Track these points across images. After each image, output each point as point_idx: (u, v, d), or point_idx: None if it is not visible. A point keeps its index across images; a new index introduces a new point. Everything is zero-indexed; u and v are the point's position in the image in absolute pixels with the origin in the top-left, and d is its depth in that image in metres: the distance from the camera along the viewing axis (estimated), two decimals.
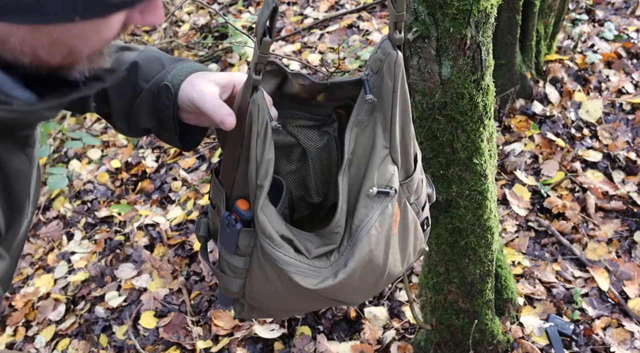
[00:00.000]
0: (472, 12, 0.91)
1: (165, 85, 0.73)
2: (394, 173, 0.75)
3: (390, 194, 0.74)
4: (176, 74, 0.74)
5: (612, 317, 1.68)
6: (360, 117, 0.73)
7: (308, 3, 3.60)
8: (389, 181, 0.74)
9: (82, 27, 0.49)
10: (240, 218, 0.74)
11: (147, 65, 0.76)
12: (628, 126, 2.28)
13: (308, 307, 0.90)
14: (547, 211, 2.04)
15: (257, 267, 0.77)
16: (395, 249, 0.80)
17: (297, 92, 0.81)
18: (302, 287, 0.73)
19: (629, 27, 2.70)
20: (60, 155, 3.05)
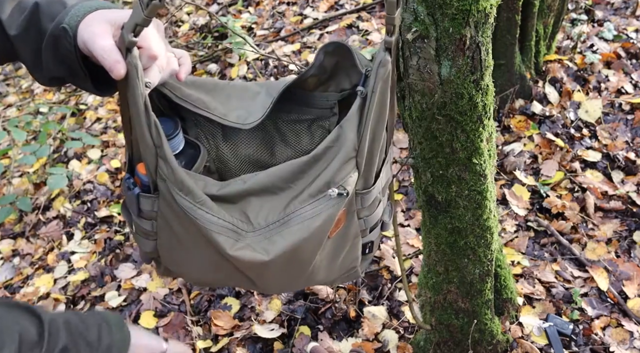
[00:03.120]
0: (471, 12, 0.91)
1: (63, 28, 0.66)
2: (353, 177, 0.72)
3: (342, 195, 0.71)
4: (74, 14, 0.67)
5: (611, 317, 1.68)
6: (350, 112, 0.71)
7: (307, 3, 3.61)
8: (345, 182, 0.72)
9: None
10: (140, 183, 0.72)
11: (48, 5, 0.69)
12: (627, 126, 2.28)
13: (221, 278, 0.84)
14: (546, 211, 2.04)
15: (166, 231, 0.75)
16: (325, 253, 0.78)
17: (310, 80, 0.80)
18: (224, 250, 0.70)
19: (629, 27, 2.70)
20: (60, 155, 3.05)
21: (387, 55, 0.67)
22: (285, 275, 0.77)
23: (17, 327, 0.69)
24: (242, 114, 0.80)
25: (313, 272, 0.78)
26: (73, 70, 0.69)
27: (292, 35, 3.33)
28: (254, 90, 0.83)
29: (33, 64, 0.73)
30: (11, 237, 2.62)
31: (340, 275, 0.86)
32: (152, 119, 0.66)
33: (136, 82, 0.63)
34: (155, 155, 0.67)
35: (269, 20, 3.58)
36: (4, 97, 3.68)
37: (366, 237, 0.83)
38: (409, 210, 2.14)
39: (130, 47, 0.61)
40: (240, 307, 1.94)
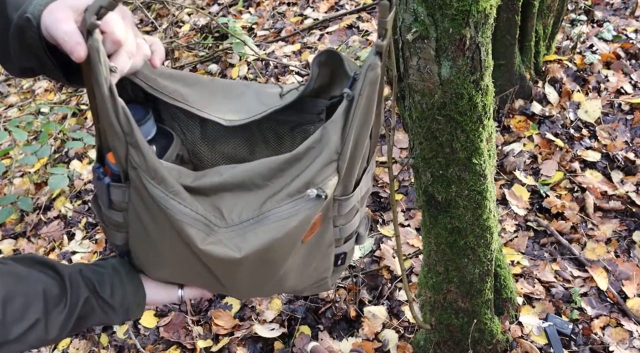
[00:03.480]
0: (471, 12, 0.91)
1: (26, 18, 0.64)
2: (333, 181, 0.70)
3: (321, 198, 0.69)
4: (37, 3, 0.64)
5: (610, 317, 1.68)
6: (335, 115, 0.69)
7: (308, 4, 3.61)
8: (324, 184, 0.69)
9: None
10: (111, 173, 0.70)
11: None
12: (627, 126, 2.28)
13: (189, 275, 0.81)
14: (546, 211, 2.04)
15: (136, 223, 0.73)
16: (297, 258, 0.76)
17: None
18: (194, 243, 0.68)
19: (628, 27, 2.71)
20: (61, 155, 3.05)
21: (377, 59, 0.65)
22: (255, 277, 0.75)
23: (40, 285, 0.70)
24: (223, 109, 0.78)
25: (283, 277, 0.77)
26: (41, 60, 0.67)
27: (292, 35, 3.34)
28: (239, 89, 0.81)
29: (3, 56, 0.71)
30: (12, 237, 2.63)
31: (310, 284, 0.84)
32: (118, 105, 0.62)
33: (98, 66, 0.60)
34: (125, 143, 0.65)
35: (269, 21, 3.58)
36: (5, 97, 3.68)
37: (340, 248, 0.81)
38: (409, 210, 2.15)
39: (91, 29, 0.59)
40: (241, 307, 1.95)
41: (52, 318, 0.70)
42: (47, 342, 0.72)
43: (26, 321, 0.67)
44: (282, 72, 3.07)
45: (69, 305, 0.72)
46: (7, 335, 0.66)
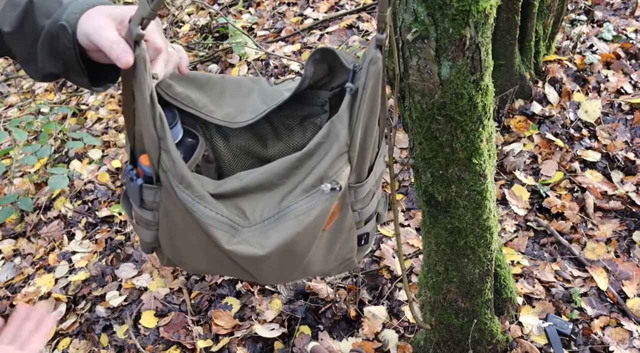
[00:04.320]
0: (471, 12, 0.91)
1: (61, 26, 0.67)
2: (345, 171, 0.73)
3: (335, 190, 0.72)
4: (71, 11, 0.67)
5: (610, 317, 1.68)
6: (341, 109, 0.71)
7: (308, 4, 3.61)
8: (338, 176, 0.73)
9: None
10: (143, 174, 0.73)
11: (43, 2, 0.70)
12: (627, 126, 2.28)
13: (219, 269, 0.85)
14: (546, 211, 2.04)
15: (167, 222, 0.76)
16: (321, 245, 0.79)
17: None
18: (220, 244, 0.72)
19: (628, 27, 2.71)
20: (61, 155, 3.05)
21: (378, 52, 0.68)
22: (281, 268, 0.78)
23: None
24: (231, 112, 0.81)
25: (309, 263, 0.79)
26: (69, 66, 0.70)
27: (292, 35, 3.34)
28: (247, 86, 0.84)
29: (26, 60, 0.73)
30: (12, 237, 2.63)
31: (336, 266, 0.87)
32: (157, 111, 0.67)
33: (144, 74, 0.64)
34: (158, 147, 0.68)
35: (269, 21, 3.58)
36: (5, 98, 3.68)
37: (361, 229, 0.84)
38: (409, 210, 2.15)
39: (138, 40, 0.63)
40: (241, 307, 1.95)
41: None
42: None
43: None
44: (282, 71, 3.07)
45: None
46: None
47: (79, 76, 0.72)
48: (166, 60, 0.70)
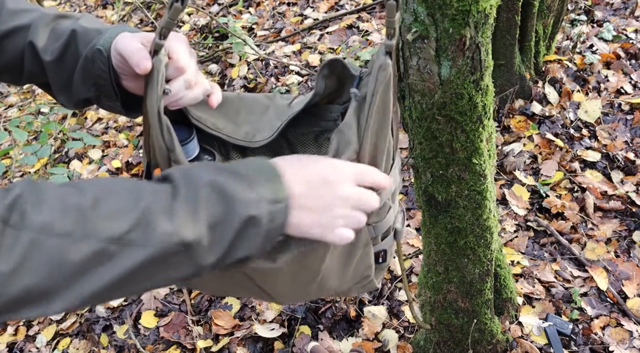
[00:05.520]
0: (471, 12, 0.91)
1: (97, 50, 0.70)
2: None
3: None
4: (107, 36, 0.71)
5: (610, 317, 1.68)
6: (347, 116, 0.70)
7: (308, 4, 3.61)
8: None
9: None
10: None
11: (85, 33, 0.73)
12: (627, 126, 2.28)
13: (235, 289, 0.83)
14: (546, 211, 2.04)
15: None
16: (335, 259, 0.77)
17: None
18: None
19: (628, 27, 2.71)
20: (61, 156, 3.05)
21: (388, 58, 0.66)
22: (296, 281, 0.77)
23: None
24: (249, 131, 0.82)
25: (324, 279, 0.78)
26: (103, 90, 0.73)
27: (292, 35, 3.34)
28: (263, 103, 0.84)
29: (62, 88, 0.75)
30: None
31: (354, 284, 0.84)
32: (164, 123, 0.67)
33: (154, 85, 0.65)
34: (168, 159, 0.68)
35: (269, 21, 3.58)
36: (5, 98, 3.68)
37: (378, 245, 0.82)
38: (409, 210, 2.15)
39: (157, 49, 0.65)
40: (241, 307, 1.95)
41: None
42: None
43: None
44: (282, 72, 3.07)
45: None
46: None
47: (112, 101, 0.74)
48: (189, 83, 0.71)
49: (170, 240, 0.52)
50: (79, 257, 0.49)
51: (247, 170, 0.59)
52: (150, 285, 0.55)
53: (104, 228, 0.51)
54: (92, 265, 0.50)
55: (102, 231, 0.50)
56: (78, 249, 0.49)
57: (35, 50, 0.73)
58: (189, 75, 0.71)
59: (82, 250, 0.49)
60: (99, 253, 0.50)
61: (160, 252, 0.52)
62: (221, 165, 0.60)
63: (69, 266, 0.49)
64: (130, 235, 0.51)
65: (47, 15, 0.75)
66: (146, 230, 0.52)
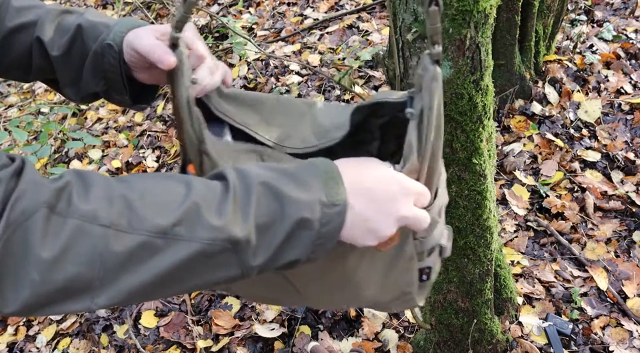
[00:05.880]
0: (471, 12, 0.91)
1: (108, 44, 0.70)
2: None
3: None
4: (117, 31, 0.71)
5: (610, 317, 1.68)
6: (408, 138, 0.68)
7: (308, 4, 3.61)
8: None
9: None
10: None
11: (92, 27, 0.73)
12: (627, 126, 2.28)
13: (276, 295, 0.83)
14: (546, 211, 2.04)
15: None
16: (375, 269, 0.76)
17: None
18: None
19: (628, 27, 2.71)
20: (61, 155, 3.05)
21: (437, 68, 0.65)
22: (328, 283, 0.76)
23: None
24: (280, 134, 0.80)
25: (360, 285, 0.76)
26: (111, 85, 0.73)
27: (292, 35, 3.34)
28: (301, 109, 0.82)
29: (70, 82, 0.76)
30: None
31: (393, 298, 0.82)
32: (194, 113, 0.67)
33: (181, 77, 0.66)
34: (199, 151, 0.68)
35: (269, 21, 3.58)
36: (5, 98, 3.68)
37: (423, 262, 0.79)
38: None
39: (175, 42, 0.65)
40: (241, 307, 1.95)
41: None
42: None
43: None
44: (282, 72, 3.08)
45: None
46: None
47: (120, 95, 0.75)
48: (211, 69, 0.71)
49: (217, 237, 0.51)
50: (123, 248, 0.48)
51: (303, 171, 0.58)
52: (196, 285, 0.54)
53: (150, 220, 0.49)
54: (136, 258, 0.49)
55: (147, 223, 0.49)
56: (122, 240, 0.48)
57: (43, 46, 0.74)
58: (209, 61, 0.72)
59: (127, 241, 0.48)
60: (144, 245, 0.49)
61: (207, 248, 0.51)
62: (276, 166, 0.59)
63: (113, 257, 0.48)
64: (176, 229, 0.50)
65: (52, 10, 0.76)
66: (193, 224, 0.50)
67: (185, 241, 0.50)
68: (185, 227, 0.50)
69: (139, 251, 0.49)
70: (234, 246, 0.52)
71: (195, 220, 0.51)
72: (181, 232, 0.50)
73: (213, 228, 0.51)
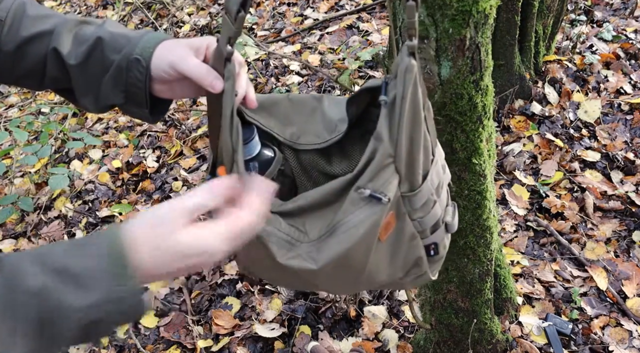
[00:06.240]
0: (471, 13, 0.91)
1: (135, 59, 0.71)
2: (393, 182, 0.73)
3: (383, 201, 0.72)
4: (144, 46, 0.72)
5: (610, 316, 1.69)
6: (379, 124, 0.72)
7: (308, 4, 3.62)
8: (384, 188, 0.72)
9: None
10: None
11: (113, 39, 0.73)
12: (626, 126, 2.29)
13: (291, 281, 0.87)
14: (545, 211, 2.05)
15: None
16: (381, 256, 0.79)
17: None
18: (275, 258, 0.74)
19: (627, 27, 2.71)
20: (62, 155, 3.06)
21: (412, 59, 0.68)
22: (341, 279, 0.79)
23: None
24: (295, 132, 0.87)
25: (371, 274, 0.80)
26: (131, 98, 0.74)
27: (292, 35, 3.34)
28: (312, 105, 0.88)
29: (86, 92, 0.76)
30: (13, 237, 2.63)
31: (405, 276, 0.85)
32: (235, 124, 0.70)
33: (231, 90, 0.69)
34: (232, 159, 0.72)
35: (269, 21, 3.59)
36: (6, 98, 3.68)
37: (428, 238, 0.83)
38: None
39: (229, 58, 0.68)
40: (241, 307, 1.95)
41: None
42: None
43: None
44: (282, 72, 3.08)
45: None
46: None
47: (139, 107, 0.76)
48: (247, 79, 0.74)
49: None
50: None
51: (84, 264, 0.50)
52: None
53: None
54: None
55: None
56: None
57: (60, 56, 0.74)
58: (244, 71, 0.74)
59: None
60: None
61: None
62: (58, 262, 0.50)
63: None
64: None
65: (69, 20, 0.76)
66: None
67: None
68: None
69: None
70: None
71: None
72: None
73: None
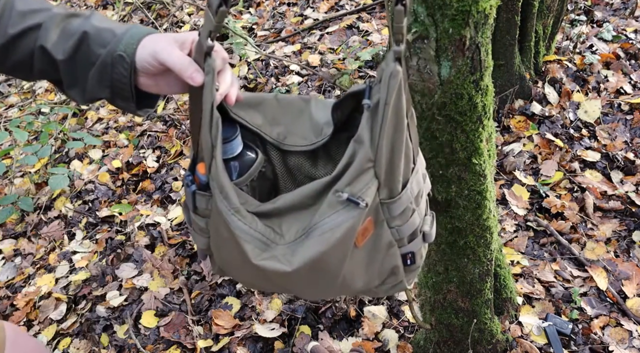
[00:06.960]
0: (471, 13, 0.91)
1: (119, 56, 0.72)
2: (372, 187, 0.72)
3: (360, 206, 0.71)
4: (128, 42, 0.73)
5: (610, 316, 1.69)
6: (360, 127, 0.71)
7: (308, 4, 3.62)
8: (362, 193, 0.71)
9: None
10: (198, 182, 0.76)
11: (98, 33, 0.74)
12: (626, 126, 2.29)
13: (264, 284, 0.86)
14: (545, 211, 2.05)
15: (214, 231, 0.78)
16: (357, 263, 0.78)
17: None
18: (248, 258, 0.74)
19: (627, 27, 2.71)
20: (62, 155, 3.06)
21: (398, 65, 0.66)
22: (315, 284, 0.78)
23: None
24: (282, 132, 0.86)
25: (346, 280, 0.79)
26: (117, 92, 0.75)
27: (292, 35, 3.34)
28: (299, 106, 0.87)
29: (73, 84, 0.77)
30: (13, 237, 2.63)
31: (380, 284, 0.85)
32: (214, 119, 0.70)
33: (210, 84, 0.69)
34: (211, 155, 0.72)
35: (269, 21, 3.59)
36: (6, 98, 3.68)
37: (405, 247, 0.82)
38: None
39: (209, 52, 0.68)
40: (241, 307, 1.95)
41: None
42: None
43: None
44: (282, 72, 3.08)
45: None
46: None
47: (125, 102, 0.77)
48: (233, 76, 0.75)
49: None
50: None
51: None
52: None
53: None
54: None
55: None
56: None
57: (46, 51, 0.75)
58: (229, 68, 0.74)
59: None
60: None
61: None
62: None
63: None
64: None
65: (57, 15, 0.77)
66: None
67: None
68: None
69: None
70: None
71: None
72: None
73: None
